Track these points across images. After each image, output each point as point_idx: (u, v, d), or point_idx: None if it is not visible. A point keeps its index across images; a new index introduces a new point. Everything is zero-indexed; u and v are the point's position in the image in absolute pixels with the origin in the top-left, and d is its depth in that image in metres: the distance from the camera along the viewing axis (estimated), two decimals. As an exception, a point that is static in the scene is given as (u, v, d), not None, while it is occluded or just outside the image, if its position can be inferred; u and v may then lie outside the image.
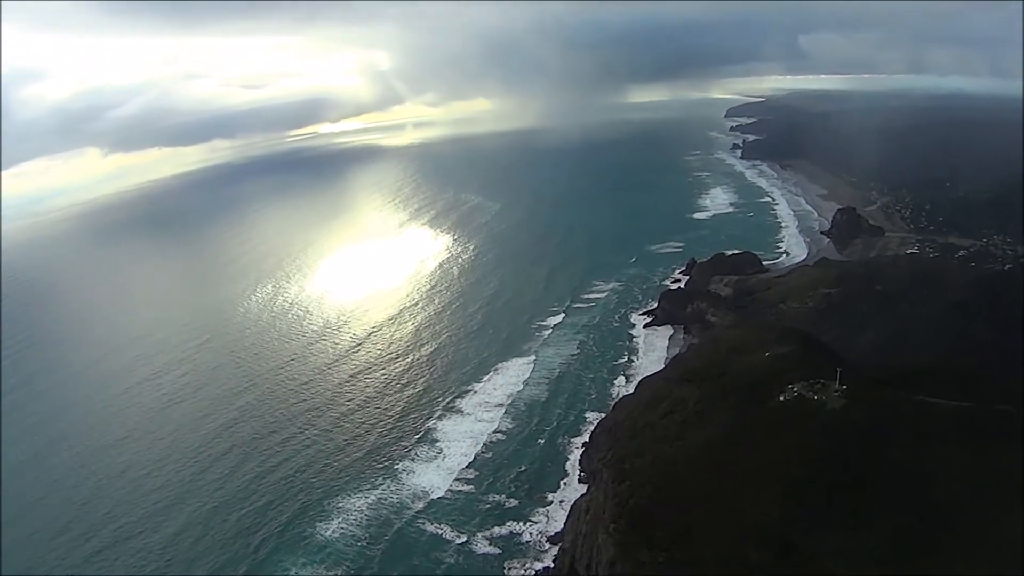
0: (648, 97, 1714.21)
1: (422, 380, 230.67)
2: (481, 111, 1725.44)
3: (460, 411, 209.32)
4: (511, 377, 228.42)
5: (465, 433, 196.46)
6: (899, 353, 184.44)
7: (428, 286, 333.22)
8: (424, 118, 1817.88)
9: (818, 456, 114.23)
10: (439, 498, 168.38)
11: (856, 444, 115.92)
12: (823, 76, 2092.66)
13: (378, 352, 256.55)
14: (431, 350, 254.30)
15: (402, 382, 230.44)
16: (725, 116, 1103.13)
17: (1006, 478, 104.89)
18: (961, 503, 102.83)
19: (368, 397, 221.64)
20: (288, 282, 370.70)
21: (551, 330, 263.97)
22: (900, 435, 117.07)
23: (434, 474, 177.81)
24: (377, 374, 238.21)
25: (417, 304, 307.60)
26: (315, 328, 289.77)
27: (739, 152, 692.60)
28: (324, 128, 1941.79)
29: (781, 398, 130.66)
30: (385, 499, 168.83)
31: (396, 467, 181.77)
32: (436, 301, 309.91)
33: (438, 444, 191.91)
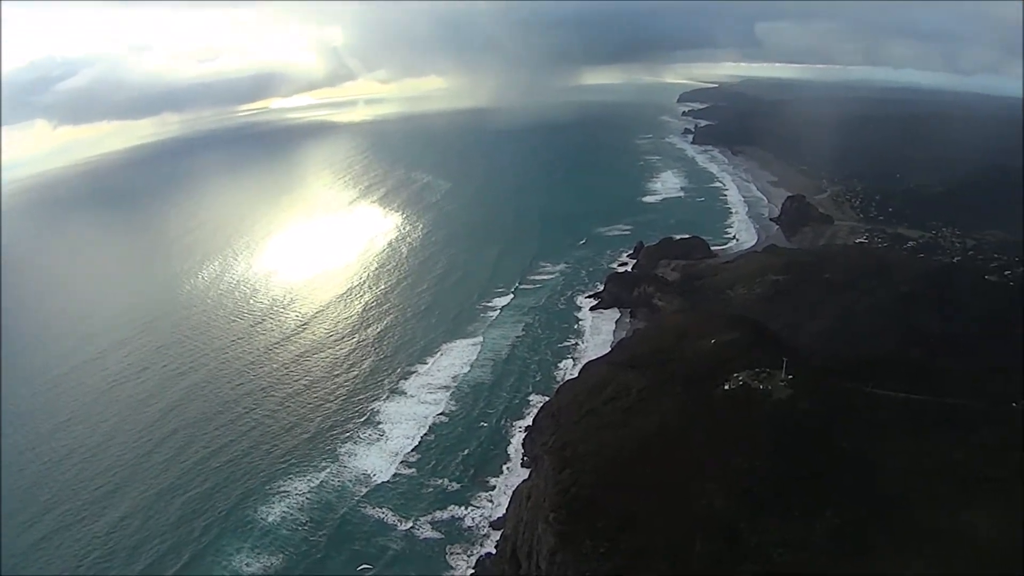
0: (602, 80, 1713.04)
1: (368, 361, 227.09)
2: (434, 89, 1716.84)
3: (405, 393, 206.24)
4: (457, 358, 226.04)
5: (410, 415, 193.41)
6: (847, 342, 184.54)
7: (377, 265, 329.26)
8: (376, 95, 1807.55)
9: (764, 446, 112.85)
10: (382, 482, 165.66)
11: (802, 434, 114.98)
12: (778, 65, 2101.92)
13: (325, 332, 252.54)
14: (378, 330, 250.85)
15: (348, 363, 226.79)
16: (677, 101, 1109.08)
17: (953, 470, 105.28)
18: (909, 495, 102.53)
19: (314, 378, 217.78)
20: (237, 259, 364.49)
21: (499, 311, 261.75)
22: (848, 426, 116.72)
23: (377, 457, 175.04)
24: (324, 354, 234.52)
25: (365, 283, 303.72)
26: (263, 307, 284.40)
27: (691, 137, 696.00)
28: (275, 103, 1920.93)
29: (726, 387, 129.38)
30: (329, 483, 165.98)
31: (340, 450, 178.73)
32: (384, 280, 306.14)
33: (383, 427, 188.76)
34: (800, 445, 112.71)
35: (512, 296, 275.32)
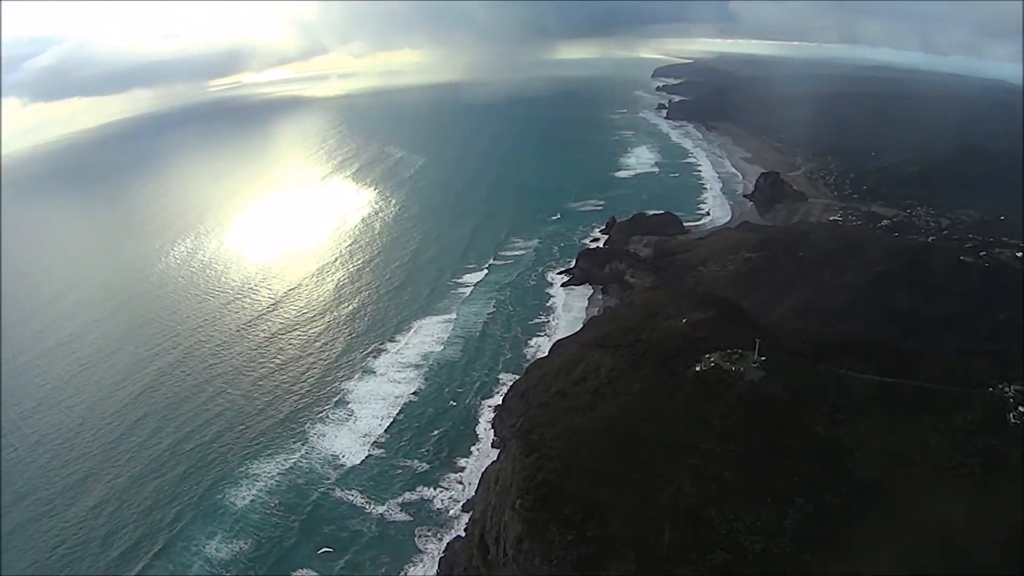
0: (577, 54, 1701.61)
1: (340, 340, 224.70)
2: (408, 63, 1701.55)
3: (377, 372, 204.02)
4: (428, 336, 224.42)
5: (380, 395, 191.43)
6: (820, 321, 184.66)
7: (350, 241, 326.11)
8: (350, 69, 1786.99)
9: (736, 430, 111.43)
10: (352, 464, 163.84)
11: (775, 418, 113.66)
12: (753, 41, 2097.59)
13: (297, 311, 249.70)
14: (351, 308, 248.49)
15: (320, 342, 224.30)
16: (652, 76, 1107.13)
17: (927, 456, 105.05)
18: (883, 481, 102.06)
19: (286, 359, 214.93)
20: (208, 237, 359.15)
21: (472, 288, 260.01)
22: (821, 409, 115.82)
23: (348, 439, 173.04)
24: (295, 334, 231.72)
25: (338, 260, 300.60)
26: (234, 285, 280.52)
27: (664, 112, 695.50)
28: (247, 78, 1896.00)
29: (698, 368, 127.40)
30: (299, 466, 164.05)
31: (311, 431, 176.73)
32: (358, 257, 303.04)
33: (354, 407, 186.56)
34: (772, 429, 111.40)
35: (485, 272, 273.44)
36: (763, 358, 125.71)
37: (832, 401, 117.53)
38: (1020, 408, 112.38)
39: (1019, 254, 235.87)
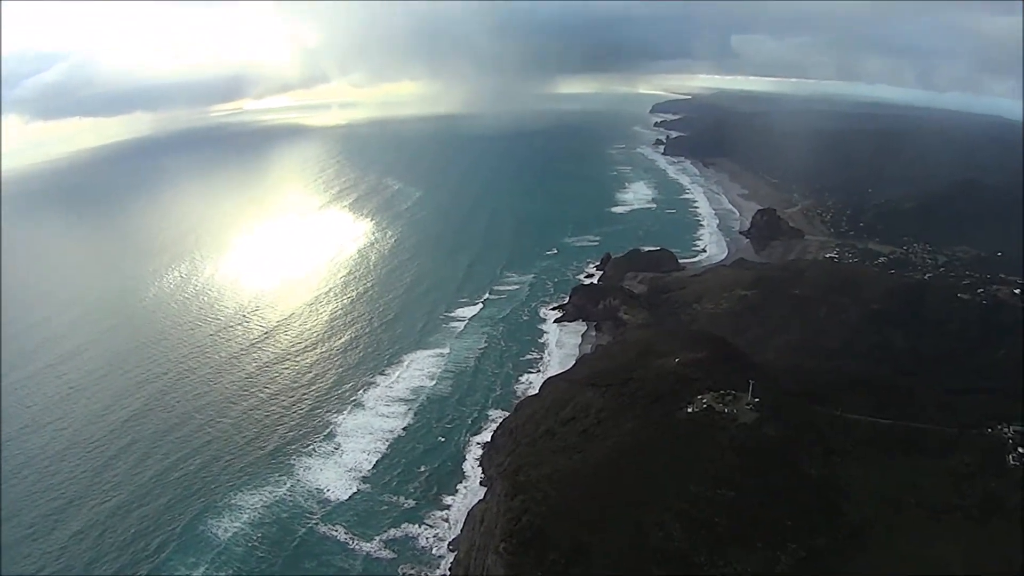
0: (576, 89, 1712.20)
1: (331, 373, 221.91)
2: (408, 94, 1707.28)
3: (366, 406, 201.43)
4: (421, 371, 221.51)
5: (369, 429, 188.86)
6: (815, 359, 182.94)
7: (345, 272, 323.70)
8: (350, 99, 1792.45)
9: (727, 473, 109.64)
10: (337, 499, 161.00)
11: (768, 461, 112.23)
12: (752, 77, 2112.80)
13: (289, 341, 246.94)
14: (343, 341, 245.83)
15: (311, 374, 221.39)
16: (650, 112, 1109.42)
17: (922, 498, 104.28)
18: (877, 524, 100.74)
19: (276, 390, 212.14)
20: (204, 263, 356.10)
21: (466, 322, 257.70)
22: (815, 451, 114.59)
23: (334, 473, 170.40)
24: (286, 365, 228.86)
25: (332, 291, 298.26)
26: (227, 313, 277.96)
27: (662, 148, 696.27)
28: (249, 104, 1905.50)
29: (689, 409, 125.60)
30: (285, 499, 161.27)
31: (298, 464, 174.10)
32: (352, 288, 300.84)
33: (341, 440, 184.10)
34: (765, 472, 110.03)
35: (480, 307, 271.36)
36: (756, 399, 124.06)
37: (826, 443, 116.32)
38: (1020, 449, 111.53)
39: (1017, 291, 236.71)
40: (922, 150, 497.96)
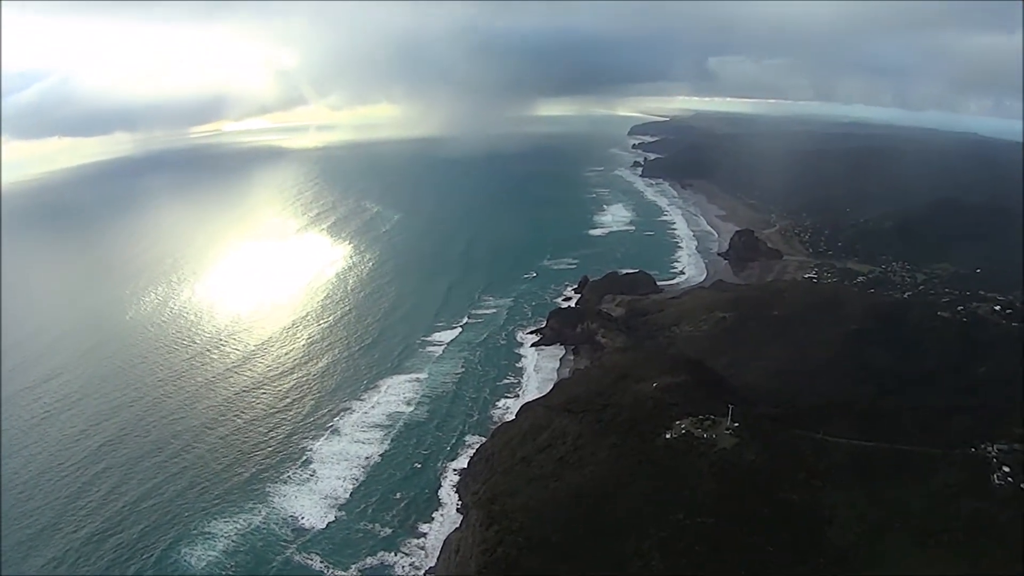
0: (555, 111, 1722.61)
1: (308, 398, 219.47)
2: (386, 116, 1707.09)
3: (345, 432, 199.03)
4: (398, 396, 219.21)
5: (346, 456, 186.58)
6: (795, 381, 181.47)
7: (323, 296, 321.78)
8: (328, 121, 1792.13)
9: (706, 499, 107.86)
10: (313, 527, 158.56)
11: (748, 487, 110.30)
12: (729, 99, 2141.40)
13: (266, 366, 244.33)
14: (320, 366, 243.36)
15: (287, 400, 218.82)
16: (628, 134, 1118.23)
17: (906, 521, 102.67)
18: (860, 549, 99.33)
19: (252, 416, 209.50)
20: (181, 286, 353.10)
21: (444, 347, 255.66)
22: (797, 476, 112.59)
23: (309, 500, 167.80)
24: (263, 391, 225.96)
25: (311, 315, 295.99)
26: (205, 338, 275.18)
27: (640, 170, 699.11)
28: (228, 126, 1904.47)
29: (668, 436, 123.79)
30: (261, 528, 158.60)
31: (275, 492, 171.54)
32: (330, 312, 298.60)
33: (317, 467, 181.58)
34: (746, 498, 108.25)
35: (458, 331, 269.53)
36: (736, 424, 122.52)
37: (808, 467, 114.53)
38: (1005, 468, 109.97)
39: (997, 308, 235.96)
40: (899, 169, 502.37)
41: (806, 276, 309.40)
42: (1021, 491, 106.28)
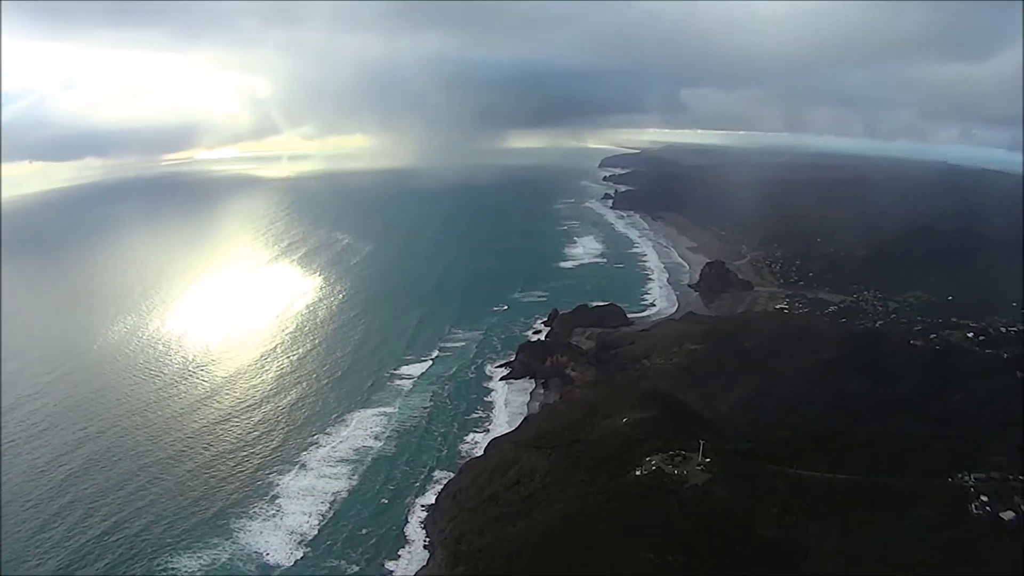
0: (526, 143, 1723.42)
1: (276, 432, 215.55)
2: (358, 147, 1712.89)
3: (312, 467, 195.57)
4: (366, 430, 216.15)
5: (312, 491, 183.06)
6: (768, 413, 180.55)
7: (293, 328, 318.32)
8: (300, 151, 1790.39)
9: (678, 537, 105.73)
10: (278, 563, 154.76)
11: (721, 524, 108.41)
12: (700, 131, 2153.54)
13: (235, 399, 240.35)
14: (289, 399, 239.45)
15: (255, 434, 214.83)
16: (599, 166, 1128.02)
17: (883, 555, 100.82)
18: None
19: (220, 451, 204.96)
20: (150, 316, 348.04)
21: (414, 380, 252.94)
22: (770, 512, 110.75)
23: (275, 536, 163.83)
24: (231, 424, 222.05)
25: (280, 347, 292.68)
26: (173, 369, 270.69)
27: (611, 202, 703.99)
28: (200, 154, 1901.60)
29: (638, 472, 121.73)
30: (227, 565, 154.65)
31: (242, 528, 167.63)
32: (300, 345, 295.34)
33: (286, 503, 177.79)
34: (718, 536, 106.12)
35: (429, 364, 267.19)
36: (707, 460, 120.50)
37: (782, 502, 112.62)
38: (982, 497, 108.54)
39: (970, 335, 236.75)
40: (870, 198, 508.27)
41: (777, 307, 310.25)
42: (1000, 520, 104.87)
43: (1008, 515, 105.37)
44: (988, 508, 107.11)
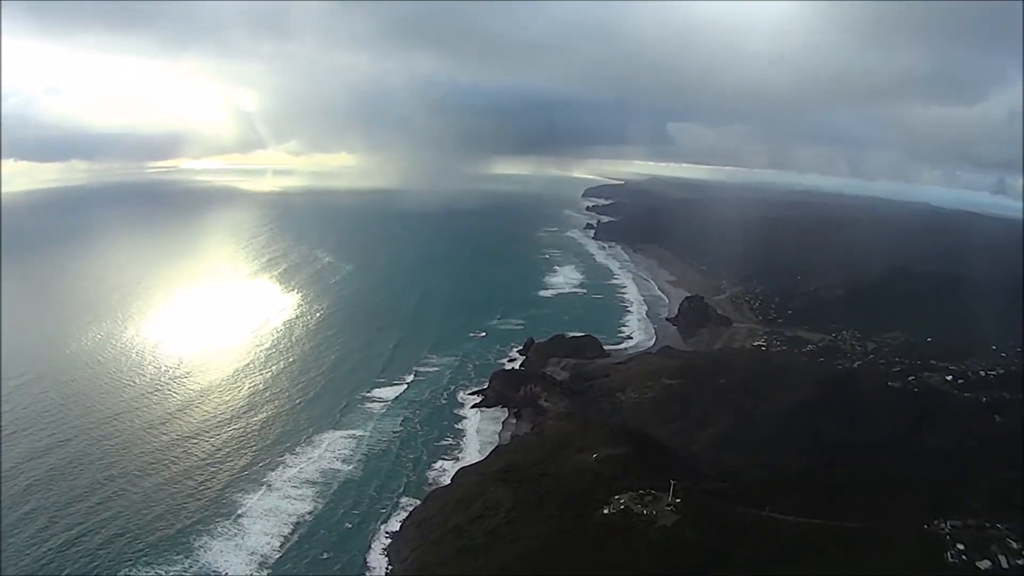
0: (511, 170, 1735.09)
1: (247, 450, 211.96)
2: (344, 166, 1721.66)
3: (278, 487, 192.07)
4: (335, 453, 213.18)
5: (276, 512, 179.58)
6: (742, 452, 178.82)
7: (269, 345, 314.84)
8: (285, 166, 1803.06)
9: None
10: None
11: (689, 567, 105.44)
12: (686, 164, 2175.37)
13: (206, 414, 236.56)
14: (261, 417, 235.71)
15: (226, 450, 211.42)
16: (583, 196, 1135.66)
17: None
18: None
19: (188, 466, 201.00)
20: (127, 324, 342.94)
21: (387, 404, 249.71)
22: (740, 556, 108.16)
23: (236, 556, 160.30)
24: (202, 439, 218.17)
25: (255, 363, 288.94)
26: (146, 380, 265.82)
27: (593, 232, 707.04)
28: (185, 163, 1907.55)
29: (606, 511, 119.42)
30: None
31: (204, 546, 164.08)
32: (275, 362, 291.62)
33: (249, 523, 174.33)
34: None
35: (403, 388, 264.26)
36: (678, 500, 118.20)
37: (753, 546, 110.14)
38: (959, 546, 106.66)
39: (949, 377, 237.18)
40: (851, 237, 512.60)
41: (755, 344, 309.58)
42: (977, 570, 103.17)
43: (985, 564, 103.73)
44: (964, 556, 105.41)
